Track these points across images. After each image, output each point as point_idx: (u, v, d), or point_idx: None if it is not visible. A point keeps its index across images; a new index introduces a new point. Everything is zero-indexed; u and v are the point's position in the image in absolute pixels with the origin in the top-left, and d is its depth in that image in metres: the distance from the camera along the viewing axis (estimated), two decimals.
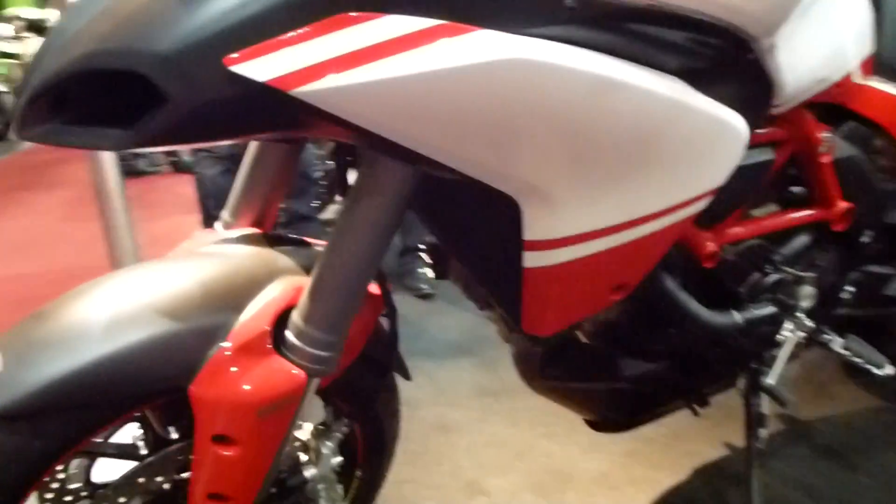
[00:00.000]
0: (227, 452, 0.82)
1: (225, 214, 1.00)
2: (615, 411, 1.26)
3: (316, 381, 0.83)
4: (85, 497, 0.90)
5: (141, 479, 0.88)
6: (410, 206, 0.81)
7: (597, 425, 1.30)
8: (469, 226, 0.89)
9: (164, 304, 0.81)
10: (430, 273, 1.18)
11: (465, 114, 0.63)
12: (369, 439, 1.11)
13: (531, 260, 0.79)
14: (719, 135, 0.77)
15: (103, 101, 0.66)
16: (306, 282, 0.84)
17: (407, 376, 1.06)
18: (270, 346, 0.81)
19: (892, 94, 1.12)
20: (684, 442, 1.56)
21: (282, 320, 0.82)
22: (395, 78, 0.59)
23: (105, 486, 0.89)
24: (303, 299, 0.81)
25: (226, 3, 0.60)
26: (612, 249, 0.80)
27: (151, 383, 0.80)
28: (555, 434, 1.62)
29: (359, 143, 0.72)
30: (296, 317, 0.81)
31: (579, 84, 0.65)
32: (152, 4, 0.62)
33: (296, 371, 0.80)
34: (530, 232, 0.76)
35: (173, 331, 0.80)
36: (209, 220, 2.37)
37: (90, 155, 1.75)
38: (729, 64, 0.77)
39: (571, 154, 0.70)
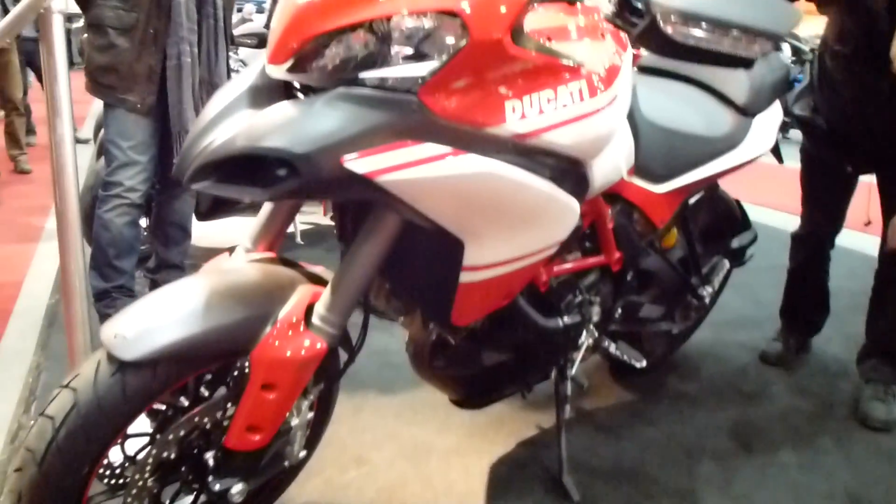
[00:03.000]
0: (270, 396, 1.27)
1: (247, 243, 1.46)
2: (475, 392, 1.82)
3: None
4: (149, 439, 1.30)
5: (196, 419, 1.30)
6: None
7: (460, 403, 1.84)
8: (417, 263, 1.41)
9: (235, 298, 1.27)
10: None
11: (453, 194, 1.18)
12: (322, 407, 1.58)
13: (465, 277, 1.34)
14: (568, 212, 1.38)
15: (237, 168, 1.14)
16: (316, 289, 1.34)
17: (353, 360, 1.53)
18: (304, 328, 1.29)
19: (643, 187, 1.82)
20: (509, 425, 2.15)
21: (307, 312, 1.30)
22: (425, 177, 1.13)
23: (165, 428, 1.30)
24: (325, 295, 1.30)
25: (336, 125, 1.10)
26: (508, 273, 1.38)
27: (228, 347, 1.25)
28: (414, 422, 2.15)
29: (385, 203, 1.23)
30: (319, 307, 1.30)
31: (508, 184, 1.22)
32: (294, 119, 1.11)
33: (320, 342, 1.28)
34: (468, 260, 1.31)
35: (242, 316, 1.25)
36: (109, 269, 2.43)
37: None
38: (572, 173, 1.39)
39: (500, 218, 1.27)
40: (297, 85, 1.23)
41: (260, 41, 3.17)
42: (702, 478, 1.98)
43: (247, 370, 1.28)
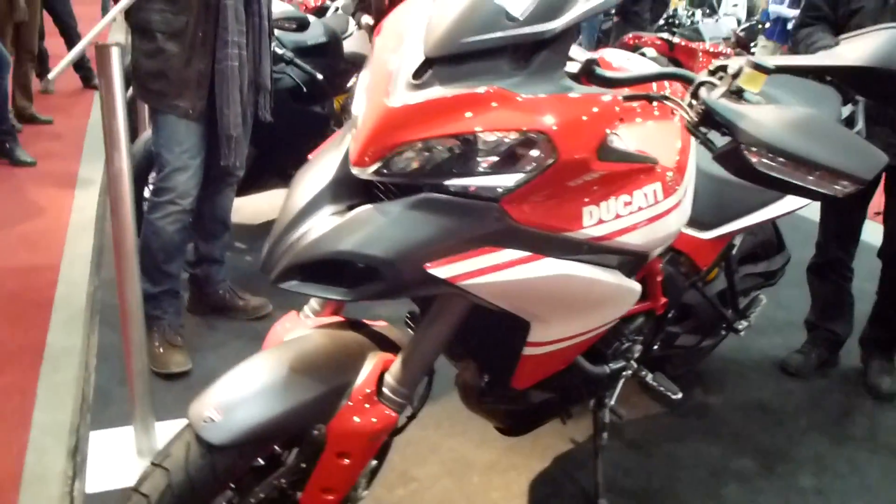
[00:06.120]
0: (345, 462, 1.35)
1: (314, 305, 1.52)
2: (520, 423, 1.91)
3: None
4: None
5: (275, 482, 1.39)
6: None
7: (504, 431, 1.94)
8: (481, 332, 1.46)
9: (310, 372, 1.33)
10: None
11: (529, 293, 1.24)
12: (380, 452, 1.64)
13: (528, 350, 1.40)
14: (630, 294, 1.41)
15: (322, 268, 1.19)
16: (385, 357, 1.40)
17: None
18: (376, 399, 1.36)
19: (691, 234, 1.87)
20: (544, 440, 2.24)
21: (378, 382, 1.37)
22: (504, 280, 1.18)
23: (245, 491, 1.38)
24: (395, 367, 1.36)
25: (421, 232, 1.14)
26: (568, 346, 1.45)
27: (308, 422, 1.32)
28: (453, 434, 2.25)
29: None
30: (389, 379, 1.36)
31: (580, 281, 1.26)
32: (380, 225, 1.14)
33: (391, 413, 1.36)
34: (532, 337, 1.37)
35: (319, 391, 1.31)
36: (158, 273, 2.46)
37: None
38: (637, 261, 1.43)
39: (568, 307, 1.33)
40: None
41: (299, 25, 3.14)
42: (727, 501, 2.09)
43: (320, 436, 1.35)
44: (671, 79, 1.28)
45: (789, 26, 6.94)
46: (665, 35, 4.41)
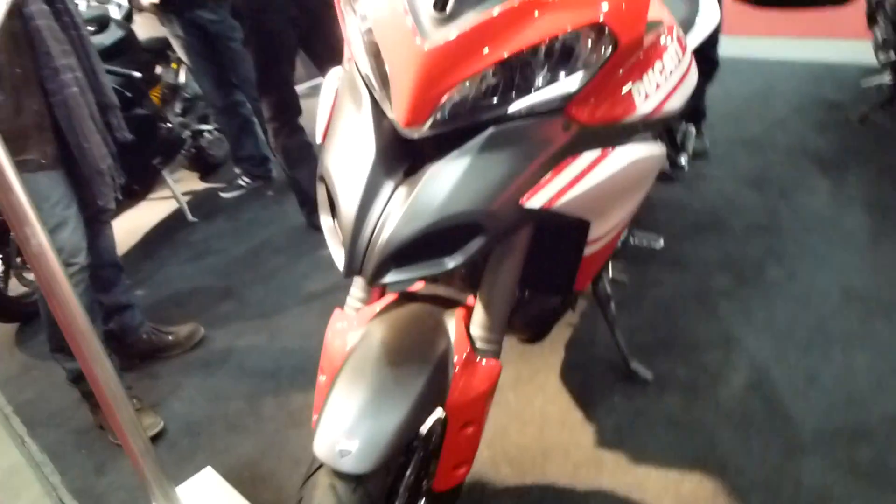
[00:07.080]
0: (469, 431, 1.29)
1: (358, 293, 1.39)
2: (543, 327, 1.89)
3: None
4: None
5: (409, 481, 1.30)
6: None
7: (529, 340, 1.92)
8: (539, 258, 1.39)
9: (408, 363, 1.22)
10: None
11: (606, 190, 1.19)
12: None
13: (588, 250, 1.38)
14: (663, 159, 1.41)
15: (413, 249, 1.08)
16: (459, 311, 1.32)
17: None
18: (476, 356, 1.29)
19: None
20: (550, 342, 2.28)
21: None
22: (589, 187, 1.13)
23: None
24: (478, 316, 1.29)
25: (504, 171, 1.06)
26: (617, 233, 1.44)
27: (431, 410, 1.23)
28: None
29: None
30: (477, 330, 1.29)
31: (642, 161, 1.23)
32: (462, 179, 1.05)
33: (494, 362, 1.30)
34: (592, 235, 1.35)
35: (426, 377, 1.21)
36: None
37: None
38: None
39: (629, 192, 1.30)
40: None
41: (100, 25, 2.76)
42: (726, 318, 2.24)
43: (443, 416, 1.27)
44: None
45: None
46: None
